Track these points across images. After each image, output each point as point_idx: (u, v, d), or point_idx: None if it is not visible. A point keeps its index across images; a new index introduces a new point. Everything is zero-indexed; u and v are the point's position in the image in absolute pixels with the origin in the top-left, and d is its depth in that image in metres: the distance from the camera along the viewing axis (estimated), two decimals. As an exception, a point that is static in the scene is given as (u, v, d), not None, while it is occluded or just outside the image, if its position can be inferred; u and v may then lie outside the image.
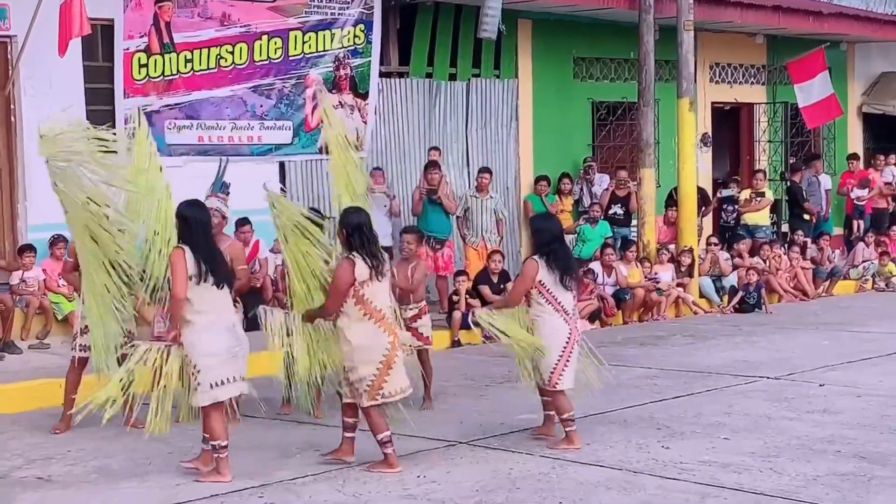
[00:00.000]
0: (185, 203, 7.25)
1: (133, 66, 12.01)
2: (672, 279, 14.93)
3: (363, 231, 7.18)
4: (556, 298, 7.73)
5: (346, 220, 7.24)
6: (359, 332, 7.12)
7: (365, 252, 7.13)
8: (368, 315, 7.12)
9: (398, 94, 14.47)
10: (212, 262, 7.00)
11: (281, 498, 6.65)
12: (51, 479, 7.20)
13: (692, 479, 6.88)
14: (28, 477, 7.27)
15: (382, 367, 7.13)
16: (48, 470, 7.42)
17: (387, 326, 7.17)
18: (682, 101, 15.09)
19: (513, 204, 15.54)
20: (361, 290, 7.11)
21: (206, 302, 6.94)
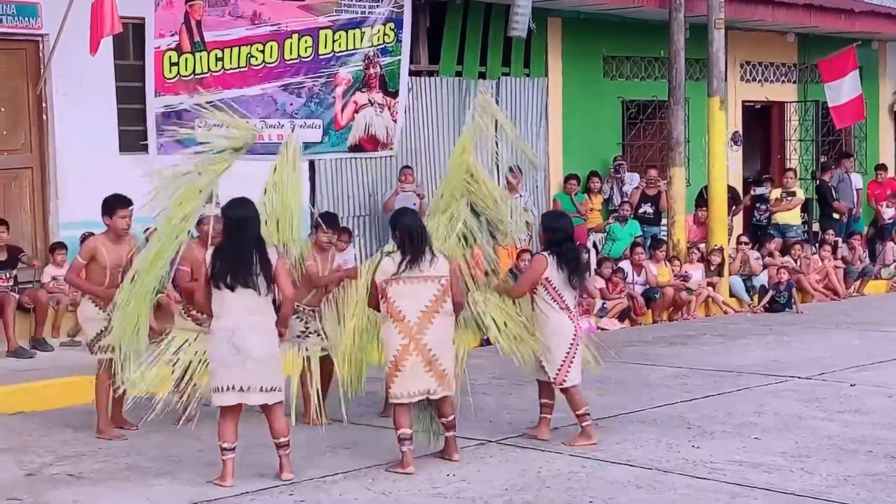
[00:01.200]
0: (230, 201, 7.12)
1: (164, 65, 12.06)
2: (702, 278, 14.87)
3: (411, 233, 7.20)
4: (562, 296, 7.77)
5: (397, 220, 7.30)
6: (382, 328, 7.31)
7: (406, 254, 7.15)
8: (389, 314, 7.15)
9: (428, 93, 14.47)
10: (231, 263, 6.84)
11: (311, 496, 6.66)
12: (82, 476, 7.24)
13: (722, 478, 6.85)
14: (59, 474, 7.31)
15: (391, 367, 7.15)
16: (80, 467, 7.46)
17: (404, 328, 7.13)
18: (713, 100, 15.02)
19: (542, 203, 15.51)
20: (386, 289, 7.15)
21: (219, 304, 6.88)
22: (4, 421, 8.34)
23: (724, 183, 15.44)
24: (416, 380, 7.16)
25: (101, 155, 11.50)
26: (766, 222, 17.02)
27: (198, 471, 7.20)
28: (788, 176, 17.22)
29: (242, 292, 6.84)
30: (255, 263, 6.88)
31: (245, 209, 7.04)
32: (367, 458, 7.39)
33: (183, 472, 7.22)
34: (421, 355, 7.14)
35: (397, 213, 7.50)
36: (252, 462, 7.16)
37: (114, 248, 8.23)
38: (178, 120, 12.16)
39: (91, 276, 8.25)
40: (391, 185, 13.71)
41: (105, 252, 8.20)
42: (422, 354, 7.15)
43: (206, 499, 6.60)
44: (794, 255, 15.97)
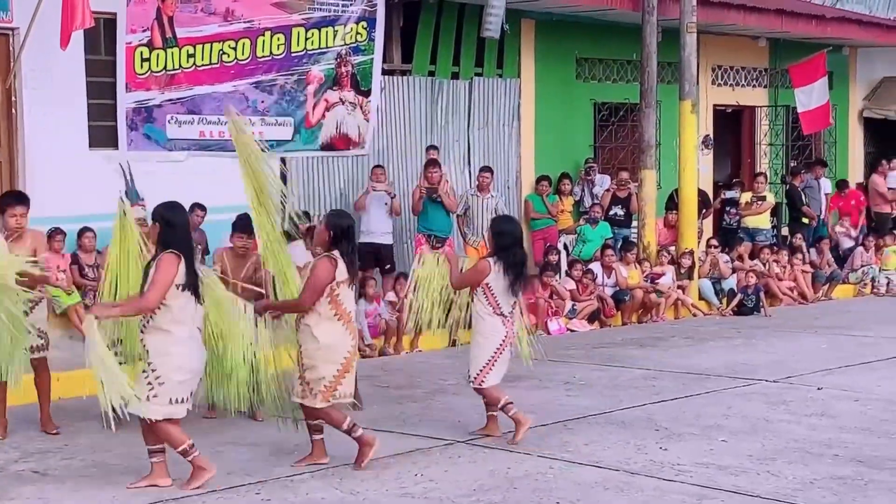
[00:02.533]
0: (165, 206, 6.90)
1: (135, 60, 11.98)
2: (672, 281, 14.93)
3: (350, 236, 7.19)
4: (498, 302, 7.87)
5: (334, 221, 7.23)
6: (327, 331, 7.10)
7: (346, 257, 7.12)
8: (339, 316, 7.10)
9: (400, 92, 14.46)
10: (194, 272, 6.79)
11: (278, 495, 6.64)
12: (47, 473, 7.19)
13: (690, 480, 6.88)
14: (25, 471, 7.26)
15: (342, 368, 7.12)
16: (45, 464, 7.41)
17: (352, 329, 7.18)
18: (685, 104, 15.09)
19: (514, 203, 15.53)
20: (337, 291, 7.09)
21: (186, 313, 6.70)
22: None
23: (695, 186, 15.51)
24: (352, 380, 7.25)
25: (70, 150, 11.42)
26: (735, 226, 17.10)
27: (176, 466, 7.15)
28: (759, 180, 17.31)
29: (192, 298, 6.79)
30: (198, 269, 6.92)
31: (185, 213, 7.02)
32: (334, 458, 7.36)
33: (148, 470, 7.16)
34: (356, 356, 7.29)
35: (334, 214, 7.45)
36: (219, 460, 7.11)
37: (12, 248, 7.83)
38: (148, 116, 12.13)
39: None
40: (363, 185, 13.68)
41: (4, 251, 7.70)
42: (356, 355, 7.29)
43: (172, 497, 6.57)
44: (763, 259, 16.05)
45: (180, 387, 6.67)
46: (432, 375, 8.81)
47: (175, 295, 6.64)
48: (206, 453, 6.89)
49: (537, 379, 10.28)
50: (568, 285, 13.99)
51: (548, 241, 15.09)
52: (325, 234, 7.18)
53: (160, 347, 6.64)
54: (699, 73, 16.11)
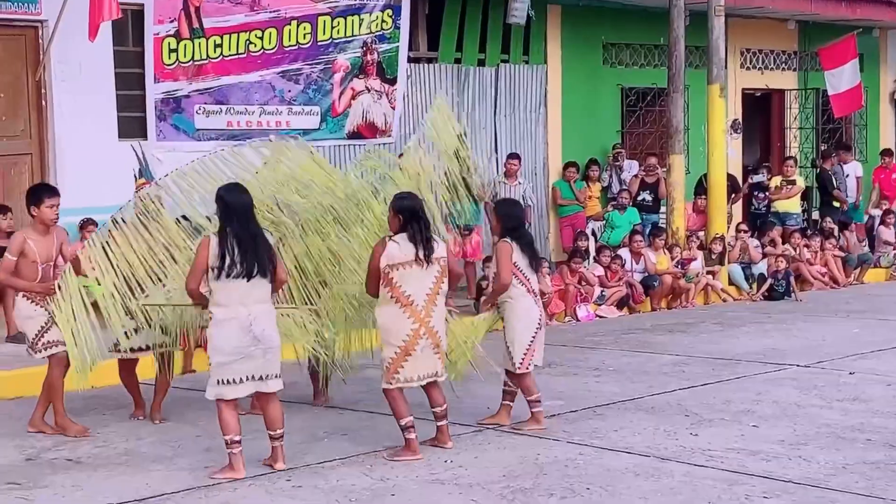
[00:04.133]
0: (224, 186, 6.98)
1: (163, 51, 12.04)
2: (701, 266, 14.87)
3: (417, 216, 7.17)
4: (528, 279, 7.84)
5: (400, 204, 7.22)
6: (383, 313, 7.16)
7: (417, 237, 7.10)
8: (395, 298, 7.09)
9: (426, 80, 14.46)
10: (242, 252, 6.67)
11: (309, 481, 6.67)
12: (80, 461, 7.25)
13: (720, 466, 6.85)
14: (58, 458, 7.32)
15: (400, 352, 7.11)
16: (77, 452, 7.47)
17: (413, 313, 7.11)
18: (713, 88, 15.01)
19: (541, 190, 15.52)
20: (391, 274, 7.09)
21: (226, 295, 6.67)
22: (4, 406, 8.35)
23: (724, 171, 15.43)
24: (427, 362, 7.20)
25: (100, 141, 11.50)
26: (764, 210, 17.02)
27: (196, 456, 7.20)
28: (788, 164, 17.22)
29: (256, 281, 6.72)
30: (264, 250, 6.80)
31: (245, 194, 6.92)
32: (364, 444, 7.39)
33: (181, 458, 7.23)
34: (431, 338, 7.18)
35: (398, 197, 7.40)
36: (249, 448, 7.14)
37: (43, 241, 7.90)
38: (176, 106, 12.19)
39: (22, 273, 7.86)
40: (390, 172, 13.69)
41: (33, 245, 7.85)
42: (431, 338, 7.18)
43: (204, 484, 6.61)
44: (794, 244, 15.97)
45: (222, 369, 6.70)
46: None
47: (212, 277, 6.69)
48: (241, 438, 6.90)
49: (566, 365, 10.29)
50: (596, 271, 13.96)
51: (576, 228, 15.07)
52: (394, 220, 7.22)
53: (208, 330, 6.78)
54: (727, 57, 16.02)
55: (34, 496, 6.47)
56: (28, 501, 6.37)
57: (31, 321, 7.89)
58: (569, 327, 13.03)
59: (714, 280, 14.99)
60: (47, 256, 7.89)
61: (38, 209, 7.90)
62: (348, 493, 6.42)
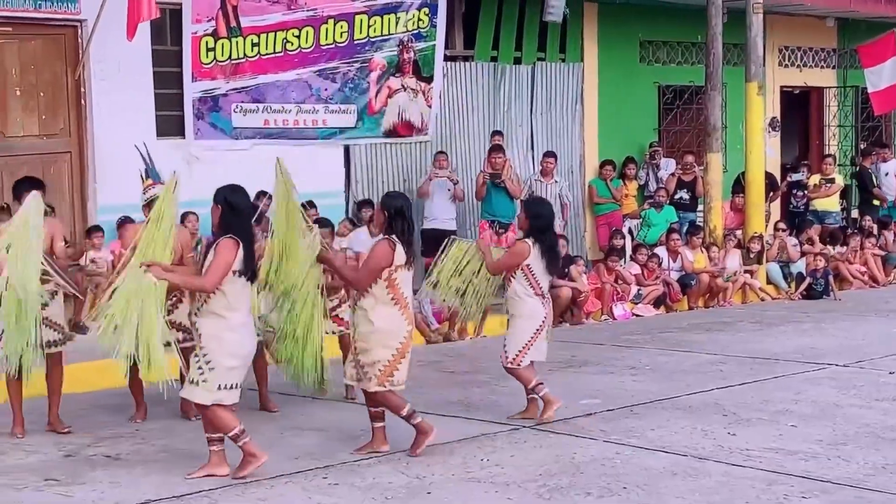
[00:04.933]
0: (229, 188, 6.73)
1: (201, 50, 12.11)
2: (739, 265, 14.79)
3: (405, 217, 7.13)
4: (539, 283, 7.89)
5: (389, 203, 7.17)
6: (383, 316, 7.04)
7: (402, 239, 7.08)
8: (395, 300, 7.06)
9: (463, 78, 14.45)
10: (251, 254, 6.68)
11: (345, 479, 6.68)
12: (119, 458, 7.29)
13: (759, 466, 6.81)
14: (97, 455, 7.37)
15: (397, 353, 7.09)
16: (117, 448, 7.52)
17: (408, 315, 7.12)
18: (751, 85, 14.91)
19: (577, 188, 15.48)
20: (394, 275, 7.04)
21: (241, 299, 6.61)
22: (44, 403, 8.38)
23: (762, 169, 15.33)
24: (407, 367, 7.20)
25: (138, 139, 11.55)
26: (803, 209, 16.91)
27: (232, 453, 7.21)
28: (827, 162, 17.09)
29: (252, 285, 6.76)
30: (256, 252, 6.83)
31: (247, 197, 6.88)
32: (400, 443, 7.37)
33: (217, 456, 7.25)
34: (412, 341, 7.25)
35: (389, 196, 7.34)
36: (286, 444, 7.18)
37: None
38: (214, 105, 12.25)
39: None
40: (425, 171, 13.71)
41: None
42: (412, 340, 7.26)
43: (241, 481, 6.62)
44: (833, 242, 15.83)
45: (230, 373, 6.60)
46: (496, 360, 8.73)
47: (231, 280, 6.55)
48: (274, 438, 6.95)
49: (603, 364, 10.26)
50: (633, 270, 13.91)
51: (612, 226, 15.02)
52: (380, 216, 7.20)
53: (213, 332, 6.56)
54: (766, 55, 15.92)
55: (72, 492, 6.51)
56: (67, 497, 6.42)
57: None
58: (605, 326, 12.99)
59: (752, 279, 14.90)
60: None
61: (18, 203, 7.79)
62: (385, 491, 6.43)
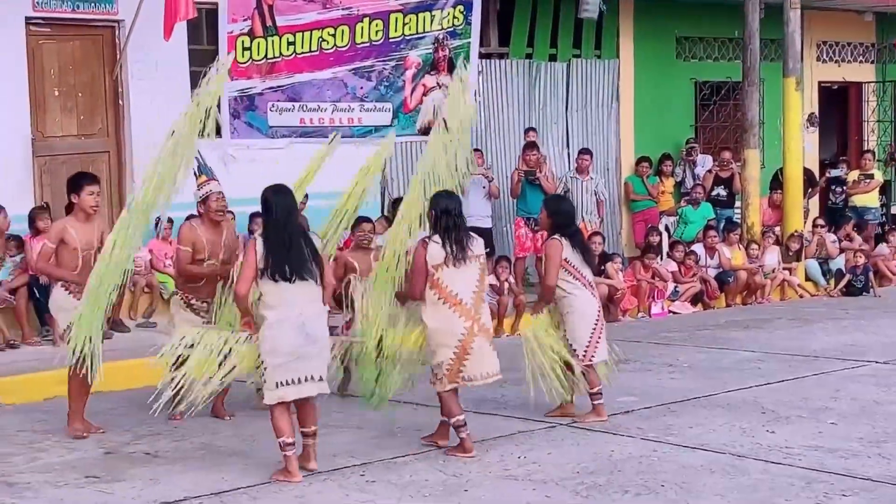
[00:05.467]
0: (271, 188, 6.81)
1: (237, 49, 12.16)
2: (778, 262, 14.69)
3: (450, 216, 7.12)
4: (583, 274, 7.85)
5: (435, 202, 7.20)
6: (432, 316, 7.09)
7: (448, 237, 7.07)
8: (443, 299, 7.05)
9: (498, 76, 14.44)
10: (287, 254, 6.59)
11: (382, 476, 6.69)
12: (158, 455, 7.34)
13: (798, 463, 6.76)
14: (136, 452, 7.42)
15: (459, 351, 7.07)
16: (156, 446, 7.57)
17: (464, 311, 7.06)
18: (789, 81, 14.81)
19: (613, 185, 15.43)
20: (436, 274, 7.05)
21: (276, 296, 6.58)
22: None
23: (800, 165, 15.23)
24: (487, 359, 7.16)
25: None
26: (841, 205, 16.77)
27: (271, 451, 7.23)
28: (866, 158, 16.94)
29: (301, 283, 6.61)
30: (309, 253, 6.70)
31: (290, 196, 6.83)
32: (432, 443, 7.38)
33: (257, 452, 7.29)
34: (484, 335, 7.15)
35: (436, 196, 7.34)
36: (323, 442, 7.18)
37: (83, 229, 7.77)
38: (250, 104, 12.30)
39: (63, 261, 7.73)
40: (461, 169, 13.69)
41: (74, 233, 7.72)
42: (485, 335, 7.16)
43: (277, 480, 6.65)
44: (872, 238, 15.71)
45: (279, 370, 6.60)
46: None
47: (263, 280, 6.61)
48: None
49: (640, 361, 10.22)
50: (670, 267, 13.85)
51: (648, 223, 14.96)
52: (429, 216, 7.22)
53: (261, 333, 6.66)
54: (803, 50, 15.81)
55: (112, 489, 6.56)
56: (107, 494, 6.47)
57: (64, 313, 7.71)
58: (642, 323, 12.94)
59: (790, 276, 14.79)
60: (88, 243, 7.74)
61: (78, 196, 7.79)
62: (421, 489, 6.43)
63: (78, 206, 7.80)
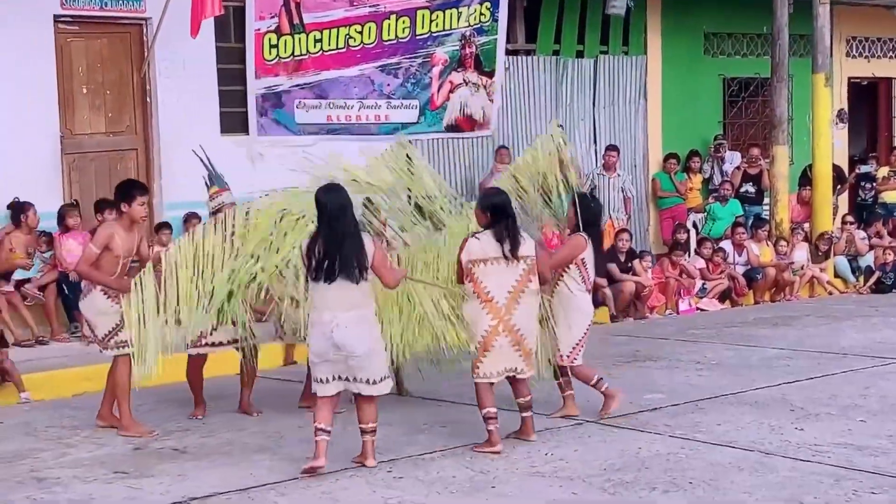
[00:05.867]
0: (323, 187, 6.82)
1: (264, 47, 12.19)
2: (806, 259, 14.60)
3: (502, 214, 7.12)
4: (590, 277, 7.87)
5: (487, 200, 7.22)
6: (466, 308, 7.19)
7: (498, 235, 7.06)
8: (476, 294, 7.08)
9: (525, 72, 14.42)
10: (326, 254, 6.56)
11: (409, 473, 6.69)
12: (186, 451, 7.37)
13: (827, 461, 6.72)
14: (165, 448, 7.45)
15: (480, 346, 7.11)
16: (184, 441, 7.60)
17: (493, 309, 7.06)
18: (818, 77, 14.72)
19: (641, 182, 15.38)
20: (473, 270, 7.07)
21: (317, 297, 6.64)
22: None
23: (829, 161, 15.14)
24: (505, 359, 7.16)
25: (203, 136, 11.60)
26: (871, 201, 16.66)
27: (299, 446, 7.27)
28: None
29: (340, 284, 6.57)
30: (351, 252, 6.60)
31: (341, 194, 6.77)
32: (464, 437, 7.38)
33: (284, 448, 7.31)
34: (510, 335, 7.13)
35: (487, 194, 7.39)
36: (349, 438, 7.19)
37: (127, 237, 7.79)
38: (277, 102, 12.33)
39: (103, 266, 7.74)
40: (487, 166, 13.69)
41: (119, 241, 7.73)
42: (511, 334, 7.14)
43: (306, 475, 6.66)
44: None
45: (314, 367, 6.73)
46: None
47: (308, 281, 6.70)
48: (336, 433, 6.91)
49: (667, 359, 10.18)
50: (698, 264, 13.79)
51: (676, 220, 14.91)
52: (481, 215, 7.21)
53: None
54: (833, 45, 15.71)
55: (141, 485, 6.59)
56: (135, 490, 6.50)
57: (104, 317, 7.76)
58: (669, 320, 12.89)
59: (819, 272, 14.71)
60: (129, 251, 7.81)
61: (129, 206, 7.78)
62: (448, 485, 6.43)
63: (127, 215, 7.80)
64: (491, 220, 7.14)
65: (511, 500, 6.17)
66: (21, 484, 6.64)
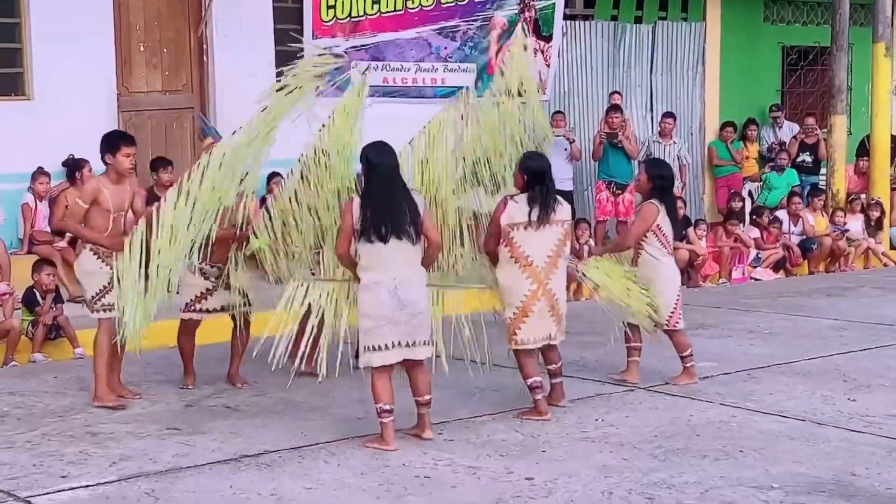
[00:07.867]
0: (369, 145, 6.67)
1: (321, 8, 12.19)
2: (862, 229, 14.45)
3: (540, 177, 7.03)
4: (670, 241, 7.88)
5: (525, 164, 7.15)
6: (503, 273, 7.06)
7: (535, 199, 6.98)
8: (515, 258, 7.01)
9: (582, 38, 14.33)
10: (384, 214, 6.41)
11: (460, 435, 6.73)
12: (238, 409, 7.45)
13: (879, 432, 6.67)
14: (217, 406, 7.54)
15: (519, 312, 7.04)
16: (236, 399, 7.68)
17: (532, 274, 6.98)
18: (878, 46, 14.51)
19: (697, 150, 15.26)
20: (511, 234, 7.00)
21: (372, 258, 6.43)
22: (167, 354, 8.60)
23: (888, 132, 14.94)
24: (543, 325, 7.10)
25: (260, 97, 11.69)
26: (931, 173, 16.40)
27: (350, 407, 7.33)
28: (956, 125, 16.54)
29: (397, 244, 6.43)
30: (407, 212, 6.49)
31: (392, 154, 6.66)
32: (515, 401, 7.40)
33: (335, 408, 7.37)
34: (546, 300, 7.07)
35: (526, 157, 7.31)
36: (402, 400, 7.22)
37: (116, 190, 7.38)
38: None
39: (92, 223, 7.34)
40: (543, 131, 13.62)
41: (108, 194, 7.32)
42: (547, 299, 7.07)
43: (357, 434, 6.71)
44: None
45: (368, 335, 6.48)
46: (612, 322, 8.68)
47: (360, 242, 6.48)
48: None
49: (720, 327, 10.14)
50: (752, 233, 13.68)
51: (731, 188, 14.78)
52: (518, 177, 7.16)
53: (358, 296, 6.56)
54: (894, 15, 15.44)
55: (194, 441, 6.68)
56: (188, 447, 6.58)
57: (92, 277, 7.38)
58: (723, 289, 12.82)
59: (875, 244, 14.54)
60: (120, 206, 7.41)
61: (113, 157, 7.38)
62: (499, 448, 6.46)
63: (112, 167, 7.40)
64: (527, 183, 7.09)
65: (561, 464, 6.18)
66: (74, 438, 6.74)
